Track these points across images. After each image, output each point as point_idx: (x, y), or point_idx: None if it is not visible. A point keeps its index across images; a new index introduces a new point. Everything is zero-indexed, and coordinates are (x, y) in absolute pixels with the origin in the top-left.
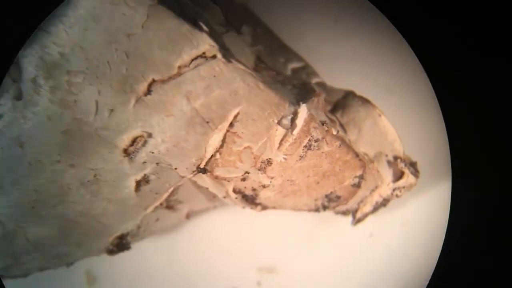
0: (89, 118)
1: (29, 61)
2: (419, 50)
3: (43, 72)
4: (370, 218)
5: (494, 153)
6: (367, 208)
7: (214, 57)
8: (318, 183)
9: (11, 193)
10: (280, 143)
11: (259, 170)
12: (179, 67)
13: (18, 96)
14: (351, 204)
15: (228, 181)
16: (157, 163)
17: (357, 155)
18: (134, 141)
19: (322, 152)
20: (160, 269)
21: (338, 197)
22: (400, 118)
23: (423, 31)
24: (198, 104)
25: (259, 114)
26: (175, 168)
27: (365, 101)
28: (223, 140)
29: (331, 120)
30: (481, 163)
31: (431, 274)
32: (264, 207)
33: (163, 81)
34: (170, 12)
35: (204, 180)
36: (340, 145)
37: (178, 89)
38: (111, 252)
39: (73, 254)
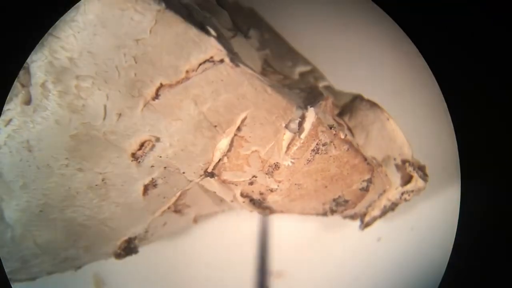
0: (98, 122)
1: (38, 66)
2: (427, 54)
3: (52, 77)
4: (378, 222)
5: (503, 156)
6: (376, 212)
7: (221, 61)
8: (326, 187)
9: (20, 197)
10: (288, 147)
11: (266, 174)
12: (187, 72)
13: (27, 101)
14: (359, 208)
15: (236, 185)
16: (165, 167)
17: (365, 159)
18: (142, 145)
19: (330, 156)
20: (167, 273)
21: (346, 201)
22: (409, 122)
23: (431, 34)
24: (205, 108)
25: (266, 118)
26: (183, 172)
27: (373, 104)
28: (231, 144)
29: (339, 124)
30: (490, 166)
31: (440, 278)
32: (272, 211)
33: (171, 86)
34: (178, 17)
35: (212, 184)
36: (348, 149)
37: (186, 93)
38: (119, 256)
39: (81, 258)
